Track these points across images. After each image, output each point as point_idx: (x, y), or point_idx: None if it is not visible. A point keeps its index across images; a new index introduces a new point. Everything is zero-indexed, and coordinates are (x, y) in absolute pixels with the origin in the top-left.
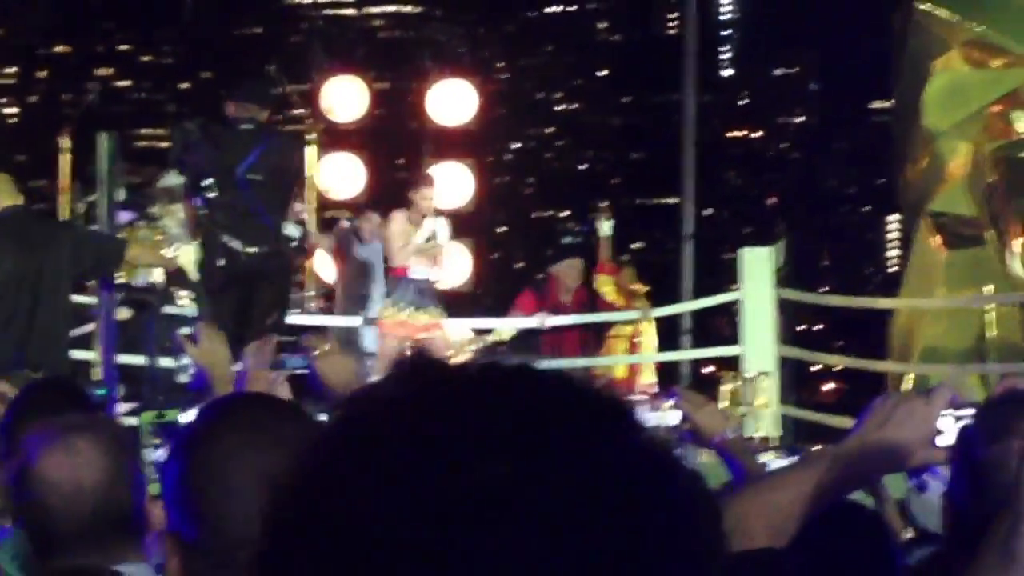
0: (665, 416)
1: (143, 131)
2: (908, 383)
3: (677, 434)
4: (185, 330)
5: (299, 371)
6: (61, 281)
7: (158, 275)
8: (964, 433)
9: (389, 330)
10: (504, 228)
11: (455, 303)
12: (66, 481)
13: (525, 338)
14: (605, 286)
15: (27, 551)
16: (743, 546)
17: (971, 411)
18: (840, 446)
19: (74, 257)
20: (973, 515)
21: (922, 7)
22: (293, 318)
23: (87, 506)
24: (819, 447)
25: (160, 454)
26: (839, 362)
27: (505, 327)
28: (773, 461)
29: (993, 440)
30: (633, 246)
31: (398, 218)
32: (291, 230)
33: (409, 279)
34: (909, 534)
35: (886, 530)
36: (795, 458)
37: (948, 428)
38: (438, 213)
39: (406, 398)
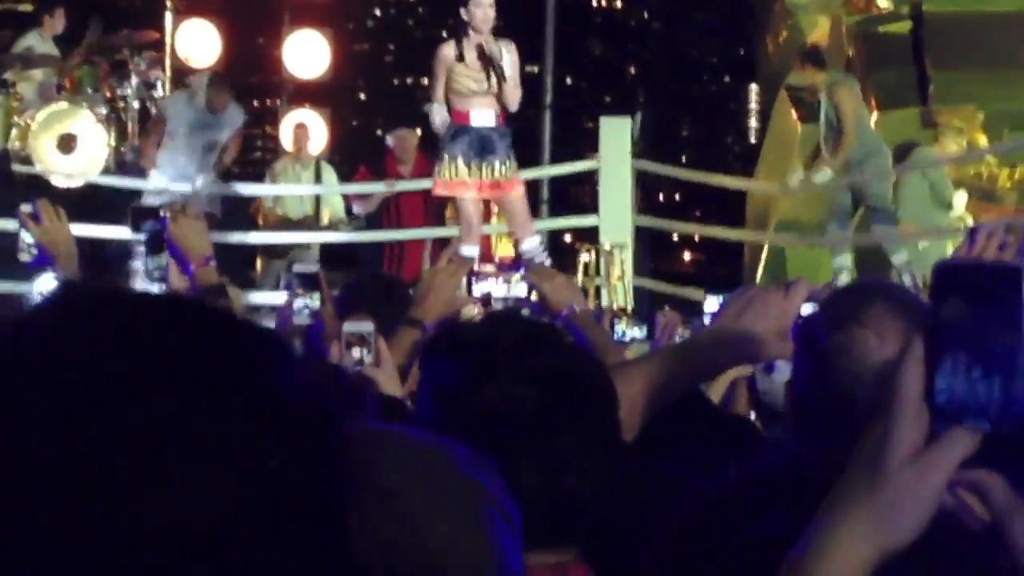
0: (514, 288)
1: None
2: (763, 254)
3: (527, 306)
4: (26, 207)
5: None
6: None
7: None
8: (807, 320)
9: (452, 191)
10: (363, 96)
11: None
12: None
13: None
14: None
15: None
16: None
17: None
18: (694, 336)
19: None
20: (817, 403)
21: None
22: None
23: None
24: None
25: None
26: (695, 231)
27: (349, 192)
28: (628, 331)
29: (836, 327)
30: None
31: (442, 49)
32: None
33: (470, 127)
34: (753, 414)
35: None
36: (646, 327)
37: None
38: (497, 36)
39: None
